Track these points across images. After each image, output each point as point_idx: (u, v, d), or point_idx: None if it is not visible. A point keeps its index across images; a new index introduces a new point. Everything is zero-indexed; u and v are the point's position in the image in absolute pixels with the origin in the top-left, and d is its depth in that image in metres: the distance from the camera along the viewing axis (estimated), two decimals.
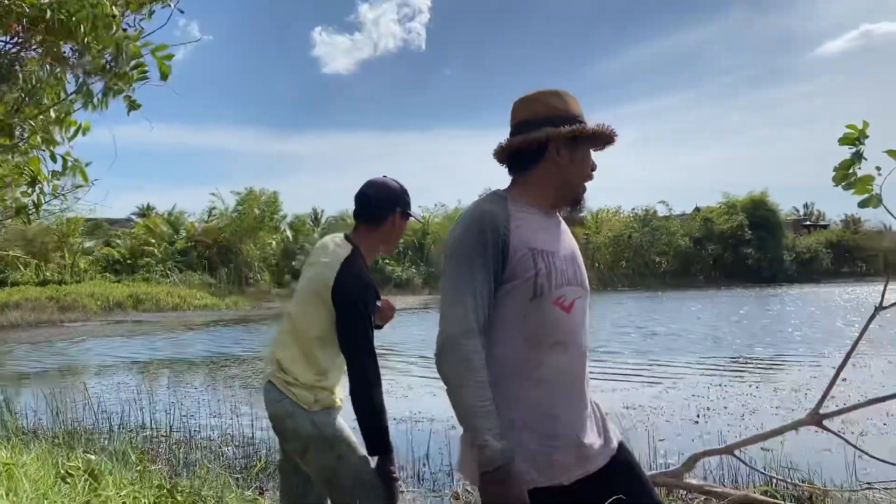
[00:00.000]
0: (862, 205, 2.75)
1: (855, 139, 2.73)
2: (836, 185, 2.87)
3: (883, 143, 2.77)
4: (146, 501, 4.10)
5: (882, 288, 3.14)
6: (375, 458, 2.64)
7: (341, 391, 2.78)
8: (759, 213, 56.82)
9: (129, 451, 5.27)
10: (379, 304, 2.80)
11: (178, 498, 4.10)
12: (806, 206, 74.30)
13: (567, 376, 1.92)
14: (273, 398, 2.69)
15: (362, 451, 2.66)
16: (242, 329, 24.37)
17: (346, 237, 2.79)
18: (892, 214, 2.80)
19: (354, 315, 2.58)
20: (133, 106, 3.14)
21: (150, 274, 42.20)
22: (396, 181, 2.84)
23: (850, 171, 2.76)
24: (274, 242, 49.11)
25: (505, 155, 2.07)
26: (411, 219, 2.87)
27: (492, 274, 1.85)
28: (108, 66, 3.08)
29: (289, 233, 51.74)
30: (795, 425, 3.06)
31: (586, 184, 2.04)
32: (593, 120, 2.02)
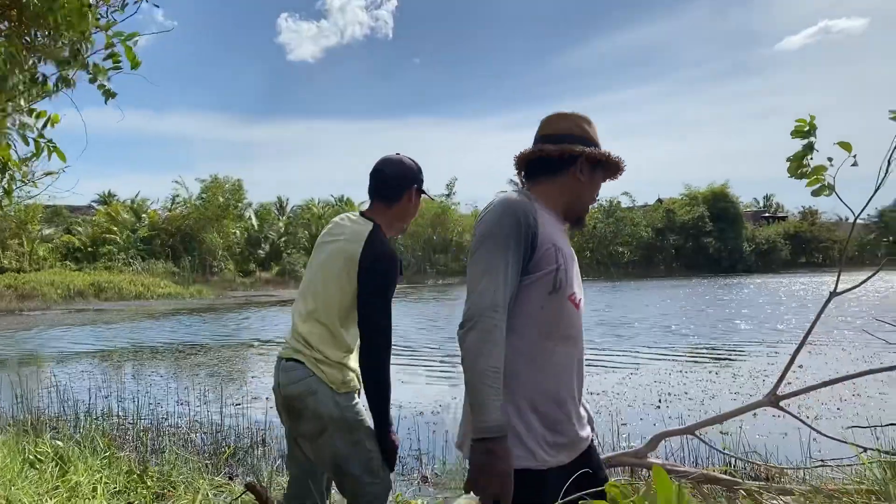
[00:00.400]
0: (815, 193, 2.89)
1: (806, 132, 2.86)
2: (791, 176, 2.99)
3: (840, 136, 2.90)
4: (116, 486, 4.12)
5: (836, 275, 3.29)
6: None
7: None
8: (719, 205, 57.82)
9: (98, 438, 5.25)
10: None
11: (149, 483, 4.12)
12: (766, 198, 75.80)
13: (572, 367, 2.05)
14: (297, 375, 2.60)
15: (375, 443, 2.65)
16: (207, 318, 24.14)
17: (363, 214, 2.76)
18: (843, 203, 2.93)
19: (377, 288, 2.56)
20: (109, 94, 3.13)
21: (111, 262, 41.51)
22: (411, 159, 2.81)
23: (804, 162, 2.89)
24: (238, 231, 48.60)
25: (529, 160, 2.17)
26: (424, 196, 2.86)
27: (520, 262, 1.96)
28: (79, 55, 3.07)
29: (254, 221, 51.28)
30: (753, 406, 3.19)
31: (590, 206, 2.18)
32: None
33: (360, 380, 2.70)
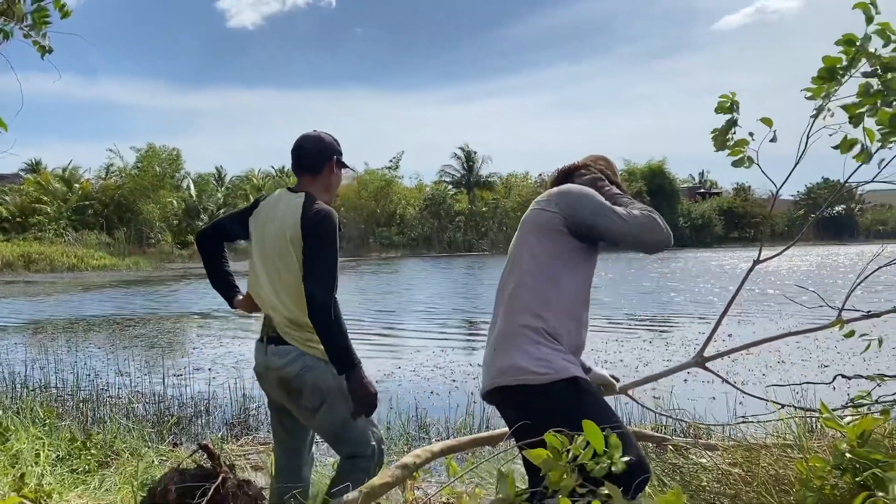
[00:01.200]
0: (735, 164, 3.08)
1: (728, 108, 3.04)
2: (717, 151, 3.16)
3: (774, 115, 3.08)
4: (58, 454, 4.11)
5: (760, 245, 3.50)
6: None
7: None
8: (657, 181, 59.06)
9: (37, 409, 5.20)
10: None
11: (93, 451, 4.12)
12: (701, 174, 77.77)
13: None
14: (291, 357, 2.73)
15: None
16: (145, 290, 23.66)
17: (290, 189, 2.88)
18: (766, 176, 3.10)
19: (320, 239, 2.67)
20: (44, 50, 3.06)
21: (42, 233, 40.08)
22: (329, 133, 2.95)
23: (728, 136, 3.07)
24: (175, 201, 47.48)
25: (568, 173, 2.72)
26: (347, 170, 3.00)
27: None
28: (14, 4, 2.98)
29: (192, 191, 50.17)
30: (681, 367, 3.38)
31: None
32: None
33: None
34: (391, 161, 55.69)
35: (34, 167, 50.69)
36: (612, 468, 1.90)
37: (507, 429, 3.14)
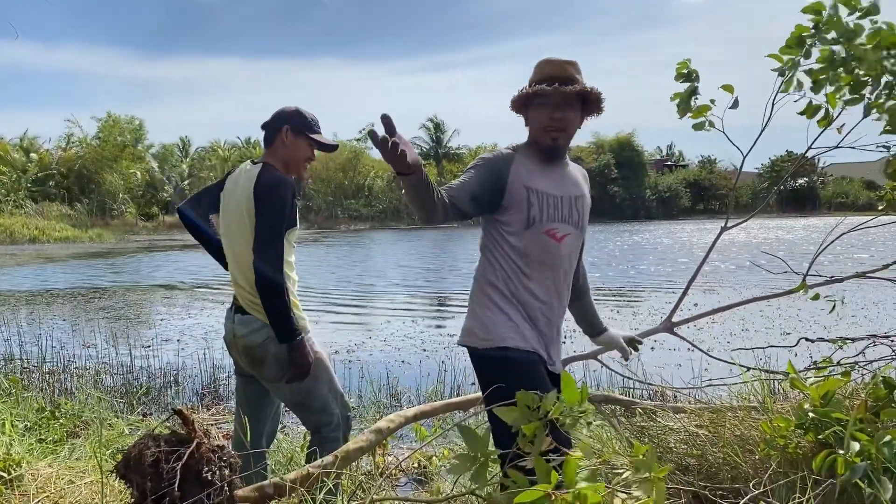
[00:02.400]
0: (696, 127, 3.13)
1: (686, 74, 3.09)
2: (681, 117, 3.21)
3: (737, 89, 3.12)
4: (26, 424, 4.06)
5: (727, 213, 3.57)
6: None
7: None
8: (625, 153, 59.41)
9: (1, 379, 5.12)
10: None
11: (62, 420, 4.09)
12: (668, 146, 78.43)
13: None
14: (255, 326, 2.79)
15: (332, 370, 2.93)
16: (108, 262, 23.29)
17: (253, 162, 2.93)
18: (732, 142, 3.15)
19: (265, 207, 2.71)
20: None
21: (1, 204, 39.10)
22: (297, 107, 2.97)
23: (690, 103, 3.12)
24: (139, 172, 46.58)
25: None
26: (318, 142, 2.96)
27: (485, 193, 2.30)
28: None
29: (154, 163, 49.27)
30: (651, 332, 3.44)
31: (552, 134, 2.33)
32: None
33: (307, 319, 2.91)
34: (360, 132, 55.23)
35: None
36: (582, 422, 1.95)
37: (479, 394, 3.19)
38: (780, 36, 3.01)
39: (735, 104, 3.05)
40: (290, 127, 2.89)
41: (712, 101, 3.17)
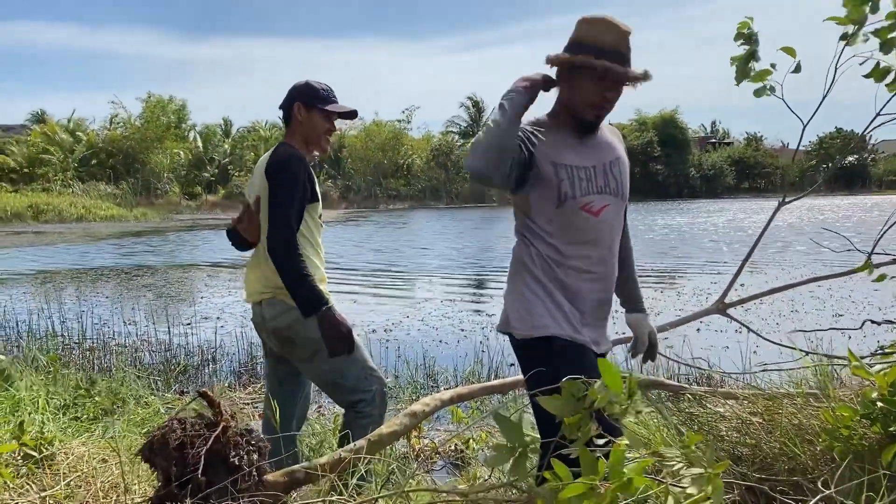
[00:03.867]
0: (757, 93, 2.90)
1: (747, 35, 2.85)
2: (738, 83, 2.98)
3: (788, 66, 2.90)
4: (61, 401, 4.05)
5: (784, 188, 3.35)
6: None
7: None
8: (668, 131, 58.21)
9: (40, 356, 5.14)
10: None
11: (97, 398, 4.06)
12: (713, 124, 76.67)
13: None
14: (279, 310, 2.76)
15: (363, 347, 2.86)
16: (153, 240, 23.65)
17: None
18: (791, 109, 2.94)
19: (276, 181, 2.69)
20: None
21: (49, 184, 39.97)
22: (307, 80, 2.90)
23: (748, 68, 2.89)
24: (182, 153, 47.17)
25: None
26: (332, 112, 2.87)
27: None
28: None
29: (198, 143, 49.79)
30: (702, 314, 3.26)
31: (598, 111, 2.17)
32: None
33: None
34: (404, 113, 55.00)
35: (40, 117, 50.31)
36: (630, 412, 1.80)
37: (518, 377, 3.05)
38: (834, 6, 2.77)
39: (797, 68, 2.83)
40: (302, 102, 2.83)
41: (773, 66, 2.94)
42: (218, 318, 8.80)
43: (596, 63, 2.05)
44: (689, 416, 3.16)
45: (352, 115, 2.95)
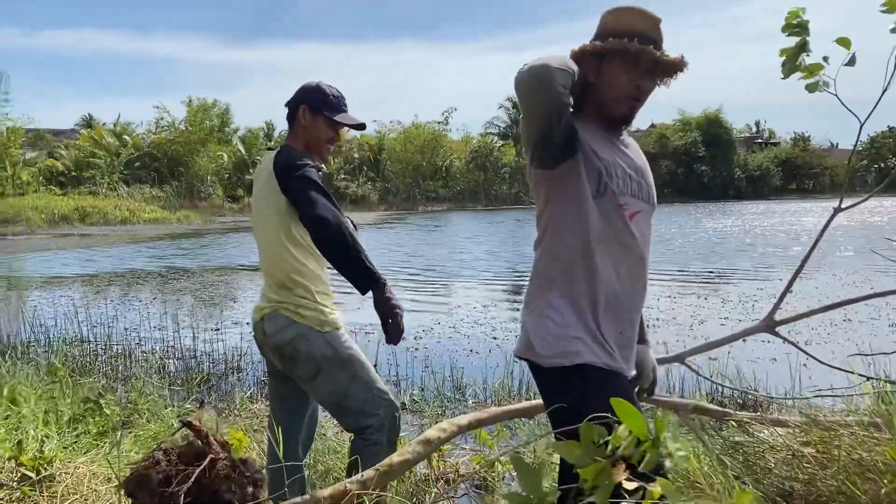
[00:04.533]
0: (809, 88, 2.60)
1: (796, 26, 2.55)
2: (786, 77, 2.68)
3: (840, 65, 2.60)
4: (70, 414, 3.91)
5: (841, 192, 3.03)
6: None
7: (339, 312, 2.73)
8: (712, 131, 57.08)
9: (56, 364, 5.03)
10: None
11: (106, 411, 3.91)
12: (758, 123, 74.92)
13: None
14: (280, 325, 2.59)
15: (372, 369, 2.67)
16: (194, 243, 23.85)
17: (269, 148, 2.79)
18: (845, 106, 2.63)
19: (296, 175, 2.50)
20: None
21: (96, 187, 40.80)
22: (318, 83, 2.74)
23: (798, 62, 2.59)
24: (226, 156, 47.78)
25: None
26: (337, 122, 2.70)
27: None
28: None
29: (241, 146, 50.36)
30: (748, 333, 2.96)
31: (632, 103, 1.94)
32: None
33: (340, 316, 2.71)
34: (443, 115, 54.92)
35: (88, 122, 51.46)
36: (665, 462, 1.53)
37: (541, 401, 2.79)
38: None
39: (852, 60, 2.53)
40: (308, 106, 2.67)
41: (825, 59, 2.64)
42: (247, 322, 8.66)
43: (630, 46, 1.83)
44: (733, 446, 2.86)
45: (359, 127, 2.78)
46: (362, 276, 2.40)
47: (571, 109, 1.85)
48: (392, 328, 2.43)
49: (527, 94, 1.73)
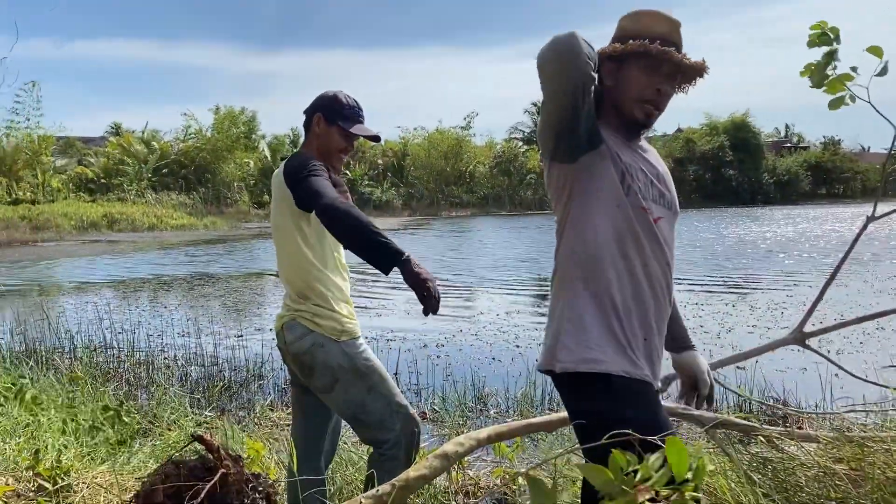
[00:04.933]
0: (832, 105, 2.51)
1: (822, 36, 2.44)
2: (814, 87, 2.59)
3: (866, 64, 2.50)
4: (89, 423, 3.91)
5: (875, 199, 2.92)
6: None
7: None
8: (740, 135, 56.39)
9: (77, 371, 5.05)
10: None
11: (126, 419, 3.90)
12: (787, 127, 73.89)
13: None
14: (298, 334, 2.56)
15: (392, 382, 2.62)
16: (220, 249, 24.04)
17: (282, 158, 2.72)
18: (876, 110, 2.54)
19: (304, 177, 2.45)
20: None
21: (124, 193, 41.34)
22: (336, 92, 2.71)
23: (827, 72, 2.49)
24: (252, 162, 48.19)
25: None
26: (350, 133, 2.66)
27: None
28: None
29: (267, 153, 50.73)
30: (777, 344, 2.86)
31: (649, 109, 1.87)
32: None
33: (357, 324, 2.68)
34: (465, 119, 54.91)
35: (117, 130, 52.21)
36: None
37: (564, 415, 2.72)
38: None
39: (884, 70, 2.43)
40: (323, 115, 2.64)
41: (854, 70, 2.54)
42: (270, 329, 8.67)
43: (652, 48, 1.77)
44: (761, 461, 2.76)
45: (373, 139, 2.76)
46: (383, 254, 2.25)
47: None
48: (428, 298, 2.25)
49: (551, 63, 1.66)
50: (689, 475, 1.29)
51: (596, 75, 1.70)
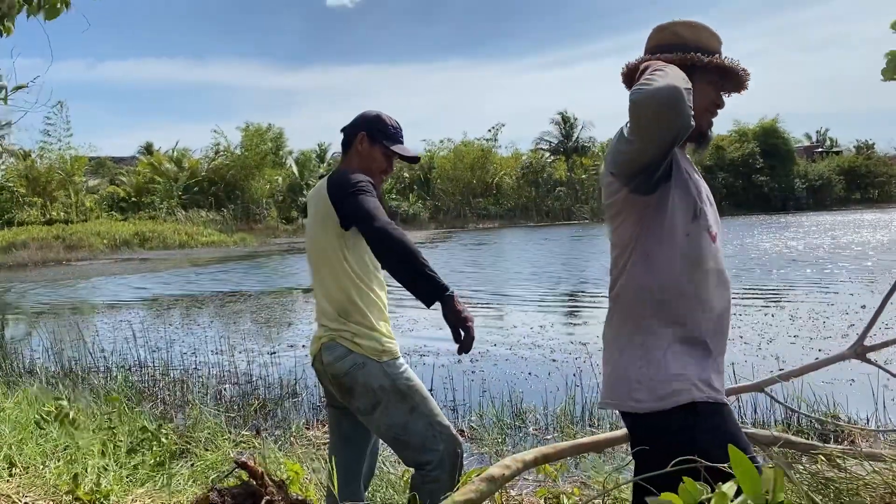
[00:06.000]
0: None
1: None
2: (887, 79, 2.47)
3: None
4: (130, 443, 3.88)
5: None
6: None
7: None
8: (770, 141, 55.64)
9: (114, 393, 5.05)
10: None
11: (163, 441, 3.87)
12: (818, 132, 72.77)
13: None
14: (338, 355, 2.50)
15: (433, 402, 2.56)
16: (250, 265, 24.21)
17: (321, 176, 2.76)
18: None
19: (351, 193, 2.43)
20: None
21: (155, 212, 41.95)
22: (379, 112, 2.72)
23: None
24: (280, 178, 48.64)
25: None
26: (394, 153, 2.66)
27: None
28: None
29: (294, 169, 51.18)
30: (835, 359, 2.74)
31: (710, 119, 1.90)
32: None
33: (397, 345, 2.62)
34: (490, 131, 54.94)
35: (148, 149, 53.07)
36: None
37: (613, 433, 2.63)
38: None
39: None
40: (367, 134, 2.63)
41: None
42: (303, 345, 8.66)
43: (734, 65, 1.81)
44: (823, 482, 2.63)
45: (413, 160, 2.73)
46: (428, 288, 2.28)
47: None
48: (464, 339, 2.31)
49: (656, 116, 1.59)
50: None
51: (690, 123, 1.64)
